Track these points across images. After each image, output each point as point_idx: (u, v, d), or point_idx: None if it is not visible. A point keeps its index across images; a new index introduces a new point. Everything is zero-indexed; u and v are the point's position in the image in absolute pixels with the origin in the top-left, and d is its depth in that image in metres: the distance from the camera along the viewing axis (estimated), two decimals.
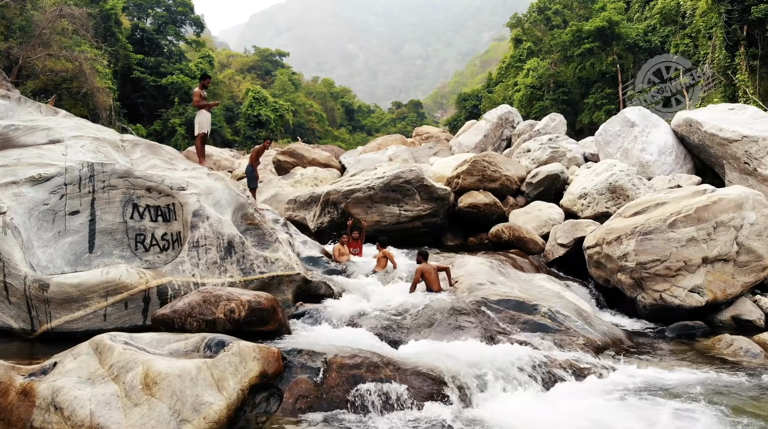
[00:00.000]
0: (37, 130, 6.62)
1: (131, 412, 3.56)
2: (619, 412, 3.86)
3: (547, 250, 9.53)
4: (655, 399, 4.14)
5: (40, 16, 23.96)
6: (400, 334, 5.58)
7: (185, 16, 42.22)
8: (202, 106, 7.80)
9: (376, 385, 4.18)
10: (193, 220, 5.87)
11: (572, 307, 6.58)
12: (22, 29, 23.79)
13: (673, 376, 4.80)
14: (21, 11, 24.15)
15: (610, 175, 9.85)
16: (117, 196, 5.93)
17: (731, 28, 20.81)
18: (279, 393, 4.09)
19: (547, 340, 5.57)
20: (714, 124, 10.28)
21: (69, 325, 4.97)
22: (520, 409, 4.01)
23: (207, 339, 4.27)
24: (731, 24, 20.73)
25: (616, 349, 5.87)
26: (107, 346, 4.03)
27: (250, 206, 6.84)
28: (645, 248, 7.40)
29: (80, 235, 5.68)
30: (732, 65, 21.36)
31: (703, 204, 7.57)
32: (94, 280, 5.02)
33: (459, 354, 4.80)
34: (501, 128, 17.61)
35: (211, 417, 3.60)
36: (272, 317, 4.88)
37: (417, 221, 10.95)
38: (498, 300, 6.33)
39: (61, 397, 3.64)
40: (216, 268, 5.78)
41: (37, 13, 24.13)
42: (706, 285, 7.37)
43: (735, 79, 20.98)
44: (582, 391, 4.36)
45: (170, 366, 3.80)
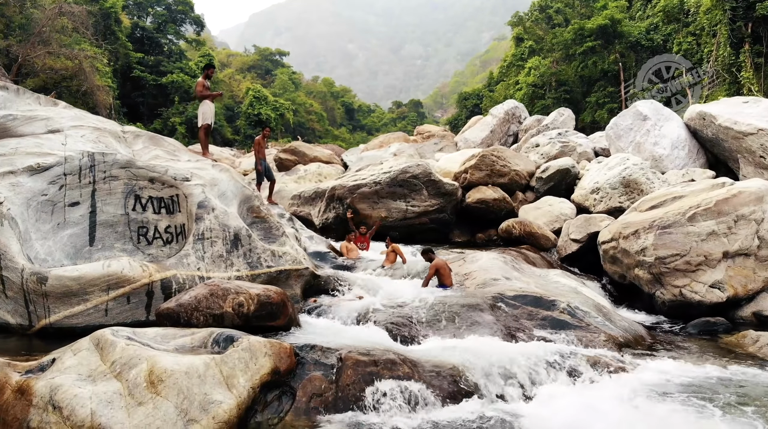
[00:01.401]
0: (35, 120, 6.38)
1: (135, 411, 3.32)
2: (666, 412, 3.61)
3: (560, 246, 9.29)
4: (696, 398, 3.90)
5: (39, 14, 23.75)
6: (413, 330, 5.34)
7: (185, 15, 42.02)
8: (205, 96, 7.56)
9: (394, 383, 3.95)
10: (197, 212, 5.63)
11: (591, 303, 6.34)
12: (21, 27, 23.60)
13: (706, 373, 4.56)
14: (21, 9, 23.96)
15: (624, 169, 9.61)
16: (119, 187, 5.70)
17: (736, 25, 20.64)
18: (292, 391, 3.85)
19: (568, 337, 5.34)
20: (728, 117, 10.05)
21: (68, 321, 4.73)
22: (553, 409, 3.77)
23: (215, 334, 4.03)
24: (736, 21, 20.55)
25: (640, 345, 5.64)
26: (109, 341, 3.79)
27: (256, 199, 6.60)
28: (664, 242, 7.17)
29: (80, 228, 5.45)
30: (736, 62, 21.18)
31: (723, 197, 7.34)
32: (95, 273, 4.78)
33: (479, 351, 4.55)
34: (507, 124, 17.36)
35: (221, 417, 3.36)
36: (282, 312, 4.65)
37: (424, 217, 10.72)
38: (515, 295, 6.10)
39: (59, 395, 3.41)
40: (222, 262, 5.54)
41: (37, 11, 23.92)
42: (726, 280, 7.14)
43: (740, 76, 20.80)
44: (616, 389, 4.12)
45: (176, 362, 3.56)
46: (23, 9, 23.92)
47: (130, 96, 34.66)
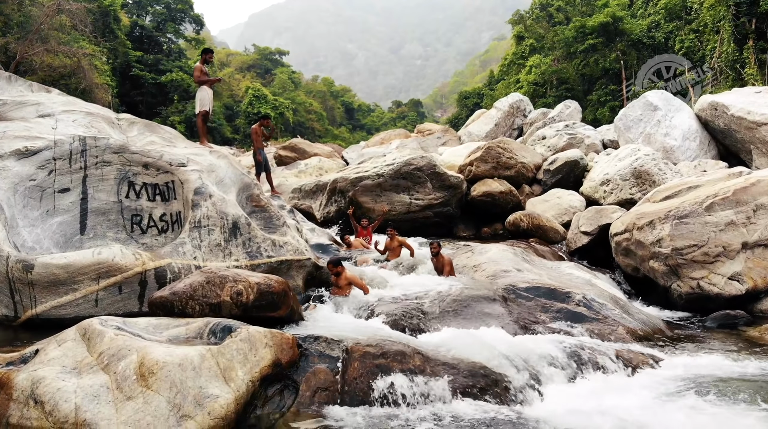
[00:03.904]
0: (26, 105, 6.12)
1: (123, 406, 3.03)
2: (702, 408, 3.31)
3: (569, 239, 9.00)
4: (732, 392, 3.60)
5: (38, 11, 23.49)
6: (423, 322, 5.05)
7: (185, 14, 41.73)
8: (203, 81, 7.27)
9: (405, 377, 3.67)
10: (194, 199, 5.34)
11: (607, 295, 6.07)
12: (20, 25, 23.34)
13: (738, 367, 4.27)
14: (19, 7, 23.70)
15: (635, 160, 9.32)
16: (111, 173, 5.42)
17: (740, 21, 20.43)
18: (294, 385, 3.57)
19: (585, 330, 5.06)
20: (741, 107, 9.77)
21: (56, 311, 4.44)
22: (576, 404, 3.48)
23: (211, 324, 3.75)
24: (740, 17, 20.35)
25: (661, 339, 5.35)
26: (97, 331, 3.50)
27: (255, 187, 6.32)
28: (681, 233, 6.88)
29: (71, 215, 5.17)
30: (740, 59, 20.97)
31: (742, 186, 7.06)
32: (84, 261, 4.50)
33: (493, 343, 4.26)
34: (512, 117, 17.06)
35: (217, 412, 3.07)
36: (284, 302, 4.36)
37: (428, 211, 10.44)
38: (527, 287, 5.82)
39: (42, 389, 3.12)
40: (220, 251, 5.25)
41: (35, 8, 23.67)
42: (745, 272, 6.85)
43: (743, 72, 20.58)
44: (644, 384, 3.83)
45: (169, 354, 3.28)
46: (22, 6, 23.68)
47: (129, 95, 34.41)
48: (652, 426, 3.07)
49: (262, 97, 41.14)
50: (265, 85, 49.82)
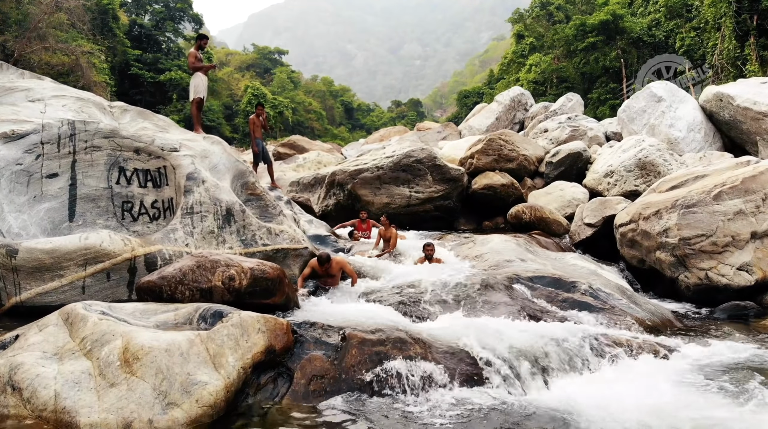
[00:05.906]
0: (15, 91, 5.95)
1: (106, 393, 2.85)
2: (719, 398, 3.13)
3: (573, 231, 8.82)
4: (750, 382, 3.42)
5: (36, 9, 23.33)
6: (423, 310, 4.87)
7: (184, 13, 41.59)
8: (197, 68, 7.08)
9: (404, 364, 3.50)
10: (186, 184, 5.16)
11: (613, 285, 5.89)
12: (18, 23, 23.17)
13: (754, 356, 4.08)
14: (17, 4, 23.53)
15: (640, 151, 9.13)
16: (101, 158, 5.24)
17: (741, 18, 20.29)
18: (289, 372, 3.39)
19: (593, 319, 4.88)
20: (747, 98, 9.59)
21: (41, 298, 4.26)
22: (587, 393, 3.30)
23: (201, 309, 3.57)
24: (741, 13, 20.21)
25: (670, 329, 5.17)
26: (80, 315, 3.33)
27: (250, 175, 6.14)
28: (688, 222, 6.69)
29: (59, 201, 4.99)
30: (741, 56, 20.82)
31: (750, 174, 6.88)
32: (71, 247, 4.31)
33: (497, 331, 4.08)
34: (513, 111, 16.85)
35: (206, 400, 2.89)
36: (278, 288, 4.18)
37: (428, 204, 10.25)
38: (531, 276, 5.64)
39: (20, 375, 2.95)
40: (213, 238, 5.08)
41: (33, 6, 23.51)
42: (755, 262, 6.66)
43: (745, 69, 20.43)
44: (658, 373, 3.65)
45: (155, 339, 3.10)
46: (20, 4, 23.51)
47: (127, 93, 34.20)
48: (676, 415, 2.88)
49: (262, 96, 40.95)
50: (264, 85, 49.64)
